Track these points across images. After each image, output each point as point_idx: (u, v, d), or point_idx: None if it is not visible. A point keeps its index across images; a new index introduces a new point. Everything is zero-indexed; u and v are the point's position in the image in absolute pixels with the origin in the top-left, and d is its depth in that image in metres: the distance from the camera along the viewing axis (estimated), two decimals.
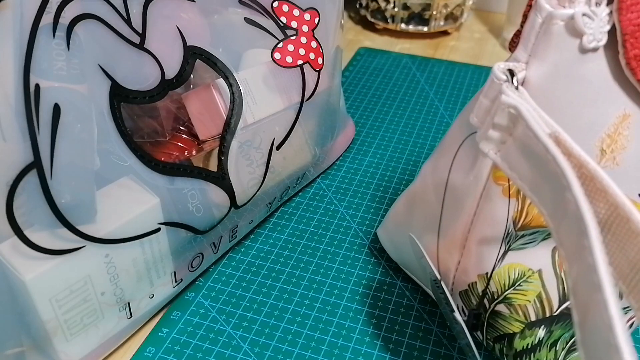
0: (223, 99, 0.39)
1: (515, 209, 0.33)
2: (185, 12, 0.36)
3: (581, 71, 0.29)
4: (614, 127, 0.30)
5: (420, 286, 0.44)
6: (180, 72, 0.36)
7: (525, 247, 0.34)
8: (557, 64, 0.29)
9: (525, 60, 0.29)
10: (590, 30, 0.28)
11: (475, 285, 0.36)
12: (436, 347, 0.40)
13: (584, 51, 0.28)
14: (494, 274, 0.35)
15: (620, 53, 0.28)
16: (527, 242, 0.34)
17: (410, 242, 0.41)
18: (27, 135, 0.29)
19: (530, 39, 0.29)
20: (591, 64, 0.29)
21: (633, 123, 0.30)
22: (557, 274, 0.33)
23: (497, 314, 0.35)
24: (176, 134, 0.40)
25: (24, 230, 0.30)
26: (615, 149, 0.31)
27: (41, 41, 0.29)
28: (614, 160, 0.31)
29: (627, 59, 0.28)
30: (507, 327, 0.35)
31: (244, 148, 0.40)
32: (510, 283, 0.34)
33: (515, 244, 0.34)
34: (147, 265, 0.37)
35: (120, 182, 0.35)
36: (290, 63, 0.42)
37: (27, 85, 0.29)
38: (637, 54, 0.28)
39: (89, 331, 0.36)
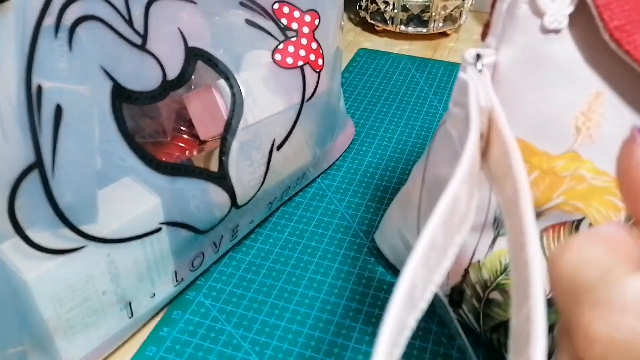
0: (224, 100, 0.39)
1: None
2: (187, 14, 0.36)
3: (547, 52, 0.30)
4: (588, 105, 0.31)
5: None
6: (182, 73, 0.36)
7: None
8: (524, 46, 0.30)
9: (495, 46, 0.31)
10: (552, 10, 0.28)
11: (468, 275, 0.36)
12: (435, 346, 0.40)
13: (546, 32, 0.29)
14: (485, 261, 0.35)
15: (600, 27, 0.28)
16: None
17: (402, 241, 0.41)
18: (29, 135, 0.29)
19: (498, 25, 0.30)
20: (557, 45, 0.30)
21: (606, 100, 0.31)
22: (547, 257, 0.33)
23: (492, 302, 0.36)
24: (177, 135, 0.40)
25: (25, 230, 0.31)
26: (591, 127, 0.31)
27: (43, 42, 0.29)
28: (590, 137, 0.31)
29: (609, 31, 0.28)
30: (502, 315, 0.36)
31: (245, 148, 0.40)
32: (502, 269, 0.35)
33: (503, 230, 0.34)
34: (148, 265, 0.37)
35: (121, 182, 0.35)
36: (290, 64, 0.42)
37: (30, 85, 0.29)
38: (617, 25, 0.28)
39: (90, 330, 0.36)
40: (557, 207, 0.32)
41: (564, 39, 0.30)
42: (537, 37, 0.29)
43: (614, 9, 0.28)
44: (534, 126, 0.31)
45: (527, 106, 0.31)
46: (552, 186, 0.32)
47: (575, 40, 0.30)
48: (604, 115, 0.31)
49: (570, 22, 0.29)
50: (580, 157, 0.31)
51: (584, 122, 0.31)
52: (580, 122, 0.31)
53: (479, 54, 0.30)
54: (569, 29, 0.29)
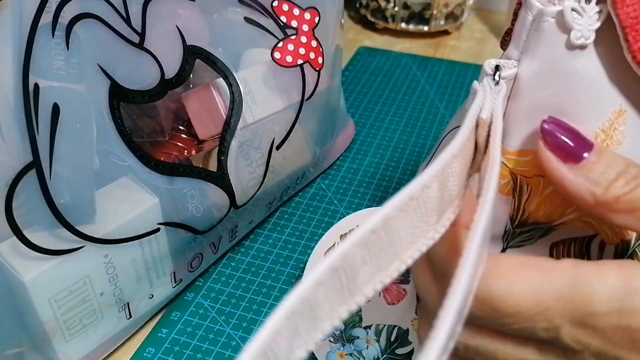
0: (223, 99, 0.39)
1: (511, 207, 0.33)
2: (185, 12, 0.36)
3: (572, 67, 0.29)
4: (609, 123, 0.30)
5: None
6: (180, 71, 0.36)
7: (523, 244, 0.34)
8: (548, 60, 0.29)
9: (516, 57, 0.30)
10: (579, 26, 0.28)
11: None
12: None
13: (572, 47, 0.29)
14: None
15: (624, 48, 0.28)
16: (524, 239, 0.34)
17: None
18: (26, 135, 0.29)
19: (522, 36, 0.30)
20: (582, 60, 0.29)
21: (629, 119, 0.30)
22: None
23: None
24: (175, 134, 0.39)
25: (23, 230, 0.30)
26: (611, 145, 0.30)
27: (40, 41, 0.29)
28: None
29: (632, 52, 0.28)
30: None
31: (244, 148, 0.40)
32: None
33: (514, 241, 0.34)
34: (147, 266, 0.37)
35: (119, 182, 0.35)
36: (290, 62, 0.42)
37: (27, 84, 0.29)
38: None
39: (88, 332, 0.36)
40: (570, 223, 0.32)
41: (589, 54, 0.29)
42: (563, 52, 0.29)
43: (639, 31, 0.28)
44: None
45: None
46: (566, 202, 0.31)
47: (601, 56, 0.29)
48: (625, 133, 0.30)
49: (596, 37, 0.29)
50: None
51: (604, 139, 0.30)
52: (600, 139, 0.30)
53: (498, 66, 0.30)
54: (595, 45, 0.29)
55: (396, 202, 0.23)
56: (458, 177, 0.27)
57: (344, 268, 0.21)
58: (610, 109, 0.30)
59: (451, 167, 0.26)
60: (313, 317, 0.20)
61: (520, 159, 0.32)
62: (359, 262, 0.22)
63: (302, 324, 0.20)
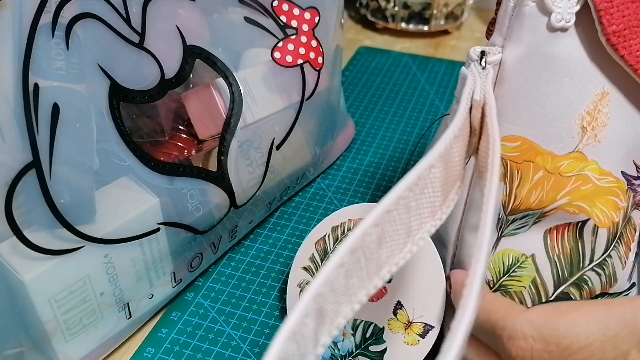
0: (222, 99, 0.39)
1: (504, 193, 0.33)
2: (185, 11, 0.36)
3: (554, 50, 0.30)
4: (593, 105, 0.31)
5: None
6: (180, 71, 0.36)
7: (517, 232, 0.34)
8: (531, 44, 0.30)
9: (501, 44, 0.31)
10: (559, 9, 0.29)
11: None
12: None
13: (553, 30, 0.30)
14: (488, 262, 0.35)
15: (599, 30, 0.29)
16: (518, 227, 0.34)
17: None
18: (26, 135, 0.29)
19: (505, 22, 0.31)
20: (564, 43, 0.30)
21: (612, 101, 0.31)
22: (551, 257, 0.34)
23: None
24: (175, 134, 0.39)
25: (23, 230, 0.30)
26: (596, 126, 0.31)
27: (40, 40, 0.29)
28: (595, 137, 0.31)
29: (606, 35, 0.28)
30: None
31: (244, 148, 0.40)
32: (505, 270, 0.34)
33: (507, 230, 0.34)
34: (147, 266, 0.37)
35: (119, 182, 0.35)
36: (290, 62, 0.42)
37: (26, 84, 0.29)
38: (615, 30, 0.28)
39: (88, 331, 0.36)
40: (561, 208, 0.32)
41: (571, 37, 0.30)
42: (544, 35, 0.30)
43: (614, 14, 0.28)
44: (540, 125, 0.31)
45: (532, 105, 0.31)
46: (557, 187, 0.32)
47: (582, 39, 0.30)
48: (609, 115, 0.31)
49: (577, 20, 0.29)
50: (585, 157, 0.31)
51: (590, 122, 0.31)
52: (586, 121, 0.31)
53: (483, 52, 0.30)
54: (576, 28, 0.30)
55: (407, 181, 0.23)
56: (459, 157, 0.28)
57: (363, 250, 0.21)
58: (593, 91, 0.31)
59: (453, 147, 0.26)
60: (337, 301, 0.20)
61: (509, 145, 0.32)
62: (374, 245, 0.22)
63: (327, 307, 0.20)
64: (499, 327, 0.28)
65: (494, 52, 0.31)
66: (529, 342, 0.27)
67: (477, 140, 0.29)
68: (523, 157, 0.32)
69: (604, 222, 0.32)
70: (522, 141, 0.32)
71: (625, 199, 0.33)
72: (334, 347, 0.37)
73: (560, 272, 0.34)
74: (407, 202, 0.23)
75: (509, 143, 0.32)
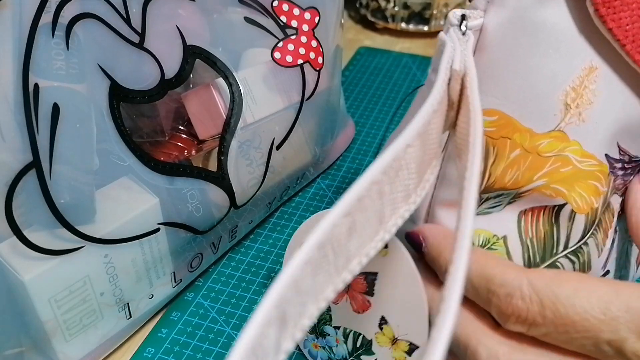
0: (222, 99, 0.39)
1: None
2: (185, 11, 0.36)
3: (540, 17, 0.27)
4: (580, 80, 0.28)
5: None
6: (180, 71, 0.36)
7: (490, 211, 0.32)
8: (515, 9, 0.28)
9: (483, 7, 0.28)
10: None
11: None
12: None
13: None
14: None
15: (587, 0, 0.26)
16: (492, 205, 0.32)
17: None
18: (26, 134, 0.29)
19: None
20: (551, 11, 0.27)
21: (600, 76, 0.28)
22: (523, 240, 0.31)
23: None
24: (175, 134, 0.39)
25: (23, 230, 0.30)
26: (581, 104, 0.29)
27: (40, 40, 0.29)
28: (580, 115, 0.29)
29: (594, 4, 0.26)
30: None
31: (244, 148, 0.40)
32: None
33: (481, 208, 0.32)
34: (147, 266, 0.37)
35: (119, 182, 0.35)
36: (290, 62, 0.42)
37: (26, 84, 0.29)
38: None
39: (88, 332, 0.36)
40: (538, 190, 0.30)
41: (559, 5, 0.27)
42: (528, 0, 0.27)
43: None
44: (520, 100, 0.29)
45: (513, 77, 0.28)
46: (534, 167, 0.30)
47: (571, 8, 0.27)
48: (596, 93, 0.28)
49: None
50: (567, 137, 0.29)
51: (574, 98, 0.28)
52: (570, 98, 0.28)
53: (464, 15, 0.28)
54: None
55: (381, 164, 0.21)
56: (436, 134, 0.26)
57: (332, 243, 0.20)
58: (580, 66, 0.28)
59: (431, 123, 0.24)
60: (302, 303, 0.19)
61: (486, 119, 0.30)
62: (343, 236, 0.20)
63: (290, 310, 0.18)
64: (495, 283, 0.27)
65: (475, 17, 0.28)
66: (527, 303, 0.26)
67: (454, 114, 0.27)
68: (500, 133, 0.29)
69: (582, 207, 0.30)
70: (499, 115, 0.29)
71: (606, 183, 0.30)
72: (330, 351, 0.36)
73: (532, 256, 0.31)
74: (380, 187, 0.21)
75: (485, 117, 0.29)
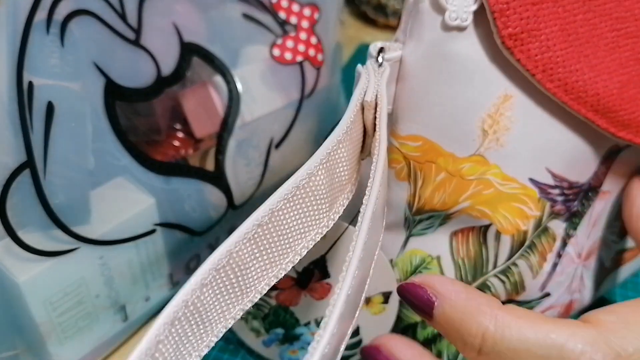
0: (220, 97, 0.38)
1: (408, 193, 0.33)
2: (182, 8, 0.36)
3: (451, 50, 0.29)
4: (495, 108, 0.29)
5: None
6: (177, 69, 0.35)
7: (424, 232, 0.33)
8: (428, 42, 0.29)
9: (402, 40, 0.30)
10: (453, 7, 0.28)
11: None
12: None
13: (449, 29, 0.28)
14: (397, 261, 0.34)
15: (494, 33, 0.27)
16: (425, 227, 0.33)
17: None
18: (20, 134, 0.29)
19: (406, 19, 0.30)
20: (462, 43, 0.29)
21: (516, 104, 0.30)
22: (455, 260, 0.33)
23: (401, 303, 0.35)
24: (172, 133, 0.39)
25: (17, 231, 0.30)
26: (498, 130, 0.30)
27: (35, 38, 0.29)
28: (498, 141, 0.30)
29: (501, 38, 0.27)
30: (410, 317, 0.35)
31: (242, 147, 0.39)
32: (412, 269, 0.34)
33: (415, 230, 0.33)
34: (143, 267, 0.37)
35: (115, 182, 0.34)
36: (289, 60, 0.41)
37: (21, 82, 0.28)
38: (511, 32, 0.27)
39: (83, 334, 0.35)
40: (464, 212, 0.32)
41: (469, 37, 0.29)
42: (440, 34, 0.29)
43: (510, 16, 0.27)
44: (440, 126, 0.30)
45: (432, 105, 0.30)
46: (458, 189, 0.31)
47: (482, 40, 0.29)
48: (513, 119, 0.30)
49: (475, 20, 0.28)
50: (487, 161, 0.30)
51: (491, 125, 0.30)
52: (487, 125, 0.30)
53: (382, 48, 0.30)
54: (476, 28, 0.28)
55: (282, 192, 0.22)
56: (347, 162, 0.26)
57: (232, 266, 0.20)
58: (494, 94, 0.29)
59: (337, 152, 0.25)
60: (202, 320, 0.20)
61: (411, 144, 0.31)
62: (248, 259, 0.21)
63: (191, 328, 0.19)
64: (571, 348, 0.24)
65: (394, 49, 0.30)
66: None
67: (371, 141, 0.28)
68: (425, 158, 0.31)
69: (507, 228, 0.31)
70: (423, 141, 0.31)
71: (538, 207, 0.31)
72: None
73: (464, 275, 0.33)
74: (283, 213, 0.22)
75: (411, 142, 0.31)
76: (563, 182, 0.32)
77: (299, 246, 0.24)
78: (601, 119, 0.30)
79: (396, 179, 0.32)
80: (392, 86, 0.31)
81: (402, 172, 0.32)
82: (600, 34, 0.29)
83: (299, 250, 0.24)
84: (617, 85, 0.29)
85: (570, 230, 0.34)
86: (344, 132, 0.26)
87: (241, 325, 0.38)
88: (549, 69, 0.28)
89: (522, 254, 0.32)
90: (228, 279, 0.21)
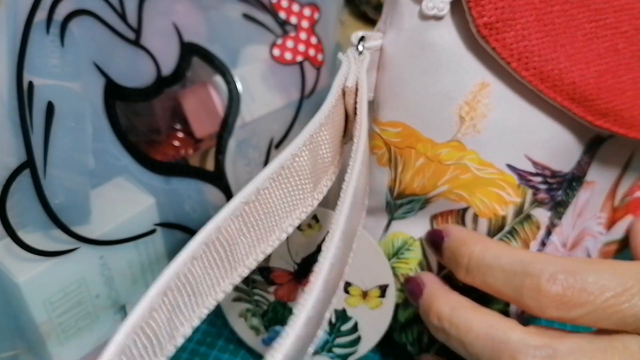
0: (220, 97, 0.38)
1: (389, 178, 0.34)
2: (182, 7, 0.36)
3: (429, 38, 0.29)
4: (472, 95, 0.30)
5: None
6: (177, 69, 0.35)
7: (406, 216, 0.34)
8: (406, 31, 0.30)
9: (383, 29, 0.32)
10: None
11: None
12: None
13: (426, 18, 0.29)
14: (380, 244, 0.35)
15: (470, 22, 0.28)
16: (406, 211, 0.34)
17: None
18: (20, 134, 0.29)
19: (386, 9, 0.31)
20: (439, 32, 0.29)
21: (493, 92, 0.30)
22: None
23: None
24: (172, 133, 0.39)
25: (17, 231, 0.30)
26: (475, 117, 0.30)
27: (35, 38, 0.29)
28: (475, 127, 0.31)
29: (476, 27, 0.28)
30: None
31: (242, 147, 0.39)
32: (394, 252, 0.35)
33: (397, 213, 0.34)
34: (143, 267, 0.36)
35: (114, 182, 0.34)
36: (289, 60, 0.41)
37: (21, 82, 0.28)
38: (486, 21, 0.27)
39: (83, 334, 0.35)
40: (443, 195, 0.33)
41: (446, 26, 0.29)
42: (417, 23, 0.29)
43: (486, 5, 0.27)
44: (419, 113, 0.31)
45: (411, 93, 0.31)
46: (437, 174, 0.32)
47: (459, 29, 0.29)
48: (490, 106, 0.30)
49: (452, 9, 0.29)
50: (464, 146, 0.31)
51: (468, 111, 0.30)
52: (464, 111, 0.30)
53: (363, 37, 0.31)
54: (452, 17, 0.29)
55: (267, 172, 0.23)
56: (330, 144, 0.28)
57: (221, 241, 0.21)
58: (471, 82, 0.30)
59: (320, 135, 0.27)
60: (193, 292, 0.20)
61: (391, 130, 0.32)
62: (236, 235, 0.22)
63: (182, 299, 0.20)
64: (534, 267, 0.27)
65: (375, 38, 0.31)
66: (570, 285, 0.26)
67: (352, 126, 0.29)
68: (405, 143, 0.32)
69: (484, 212, 0.32)
70: (403, 127, 0.32)
71: (517, 194, 0.32)
72: None
73: None
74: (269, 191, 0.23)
75: (391, 128, 0.32)
76: (545, 170, 0.32)
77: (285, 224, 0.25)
78: (578, 107, 0.30)
79: (378, 164, 0.33)
80: (374, 74, 0.32)
81: (384, 158, 0.33)
82: (578, 25, 0.29)
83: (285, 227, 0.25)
84: (595, 75, 0.30)
85: (555, 219, 0.34)
86: (326, 115, 0.27)
87: (241, 324, 0.38)
88: (524, 58, 0.28)
89: (501, 238, 0.33)
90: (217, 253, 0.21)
